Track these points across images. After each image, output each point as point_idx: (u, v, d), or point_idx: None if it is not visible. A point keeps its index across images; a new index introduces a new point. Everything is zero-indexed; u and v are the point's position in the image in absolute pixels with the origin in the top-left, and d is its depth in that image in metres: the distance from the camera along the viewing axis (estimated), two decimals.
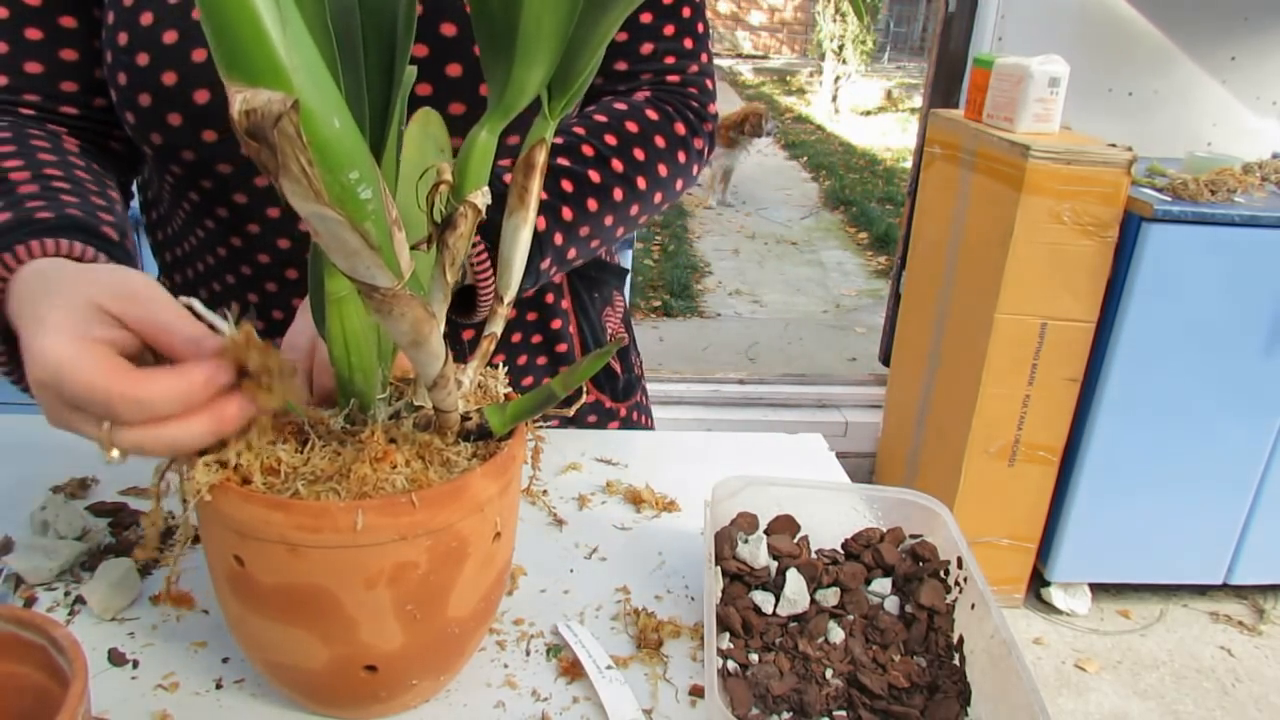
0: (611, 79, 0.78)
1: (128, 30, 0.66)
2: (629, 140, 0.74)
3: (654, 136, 0.75)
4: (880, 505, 0.67)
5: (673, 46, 0.78)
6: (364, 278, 0.37)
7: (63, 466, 0.72)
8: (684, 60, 0.79)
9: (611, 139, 0.73)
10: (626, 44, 0.77)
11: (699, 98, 0.80)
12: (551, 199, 0.69)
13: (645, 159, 0.74)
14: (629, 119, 0.75)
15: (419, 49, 0.68)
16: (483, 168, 0.46)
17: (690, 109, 0.79)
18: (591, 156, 0.72)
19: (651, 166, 0.75)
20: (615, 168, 0.72)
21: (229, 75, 0.30)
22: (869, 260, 5.40)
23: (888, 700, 0.54)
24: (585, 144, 0.72)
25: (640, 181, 0.74)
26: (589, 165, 0.71)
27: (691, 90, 0.80)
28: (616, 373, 0.93)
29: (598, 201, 0.71)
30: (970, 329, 2.06)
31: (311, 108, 0.31)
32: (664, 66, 0.78)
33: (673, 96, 0.79)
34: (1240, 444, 2.06)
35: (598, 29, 0.43)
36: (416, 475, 0.46)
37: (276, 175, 0.32)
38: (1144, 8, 2.32)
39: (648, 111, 0.76)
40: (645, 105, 0.77)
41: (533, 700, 0.54)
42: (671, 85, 0.79)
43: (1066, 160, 1.83)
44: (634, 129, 0.74)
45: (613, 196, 0.72)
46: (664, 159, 0.76)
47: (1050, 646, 2.14)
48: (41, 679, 0.41)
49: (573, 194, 0.70)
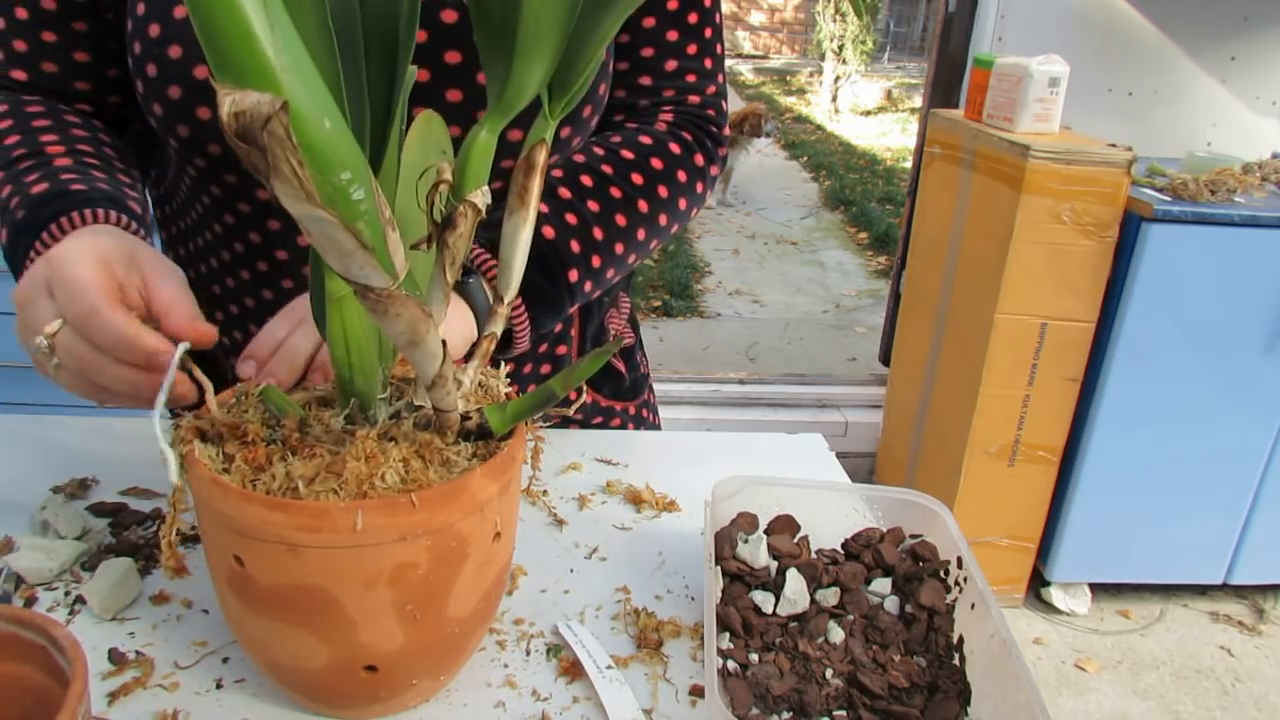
0: (635, 93, 0.80)
1: (160, 22, 0.66)
2: (653, 179, 0.77)
3: (676, 172, 0.79)
4: (880, 505, 0.67)
5: (694, 65, 0.80)
6: (358, 278, 0.37)
7: (63, 466, 0.72)
8: (703, 80, 0.81)
9: (638, 178, 0.76)
10: (652, 59, 0.79)
11: (716, 120, 0.83)
12: (581, 226, 0.73)
13: (667, 196, 0.78)
14: (654, 155, 0.78)
15: (418, 35, 0.69)
16: (482, 167, 0.46)
17: (709, 134, 0.82)
18: (620, 199, 0.75)
19: (673, 202, 0.79)
20: (640, 208, 0.76)
21: (218, 77, 0.30)
22: (869, 260, 5.40)
23: (888, 700, 0.54)
24: (613, 185, 0.75)
25: (661, 218, 0.78)
26: (616, 209, 0.75)
27: (709, 113, 0.82)
28: (620, 372, 0.93)
29: (623, 244, 0.76)
30: (970, 329, 2.06)
31: (301, 109, 0.31)
32: (686, 85, 0.80)
33: (693, 122, 0.81)
34: (1240, 444, 2.06)
35: (598, 28, 0.43)
36: (416, 475, 0.46)
37: (267, 177, 0.32)
38: (1144, 8, 2.32)
39: (671, 145, 0.79)
40: (668, 138, 0.79)
41: (533, 700, 0.54)
42: (692, 106, 0.81)
43: (1066, 160, 1.83)
44: (659, 165, 0.78)
45: (635, 236, 0.76)
46: (684, 193, 0.80)
47: (1050, 646, 2.14)
48: (42, 679, 0.41)
49: (603, 238, 0.74)
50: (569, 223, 0.73)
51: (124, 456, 0.74)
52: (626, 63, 0.79)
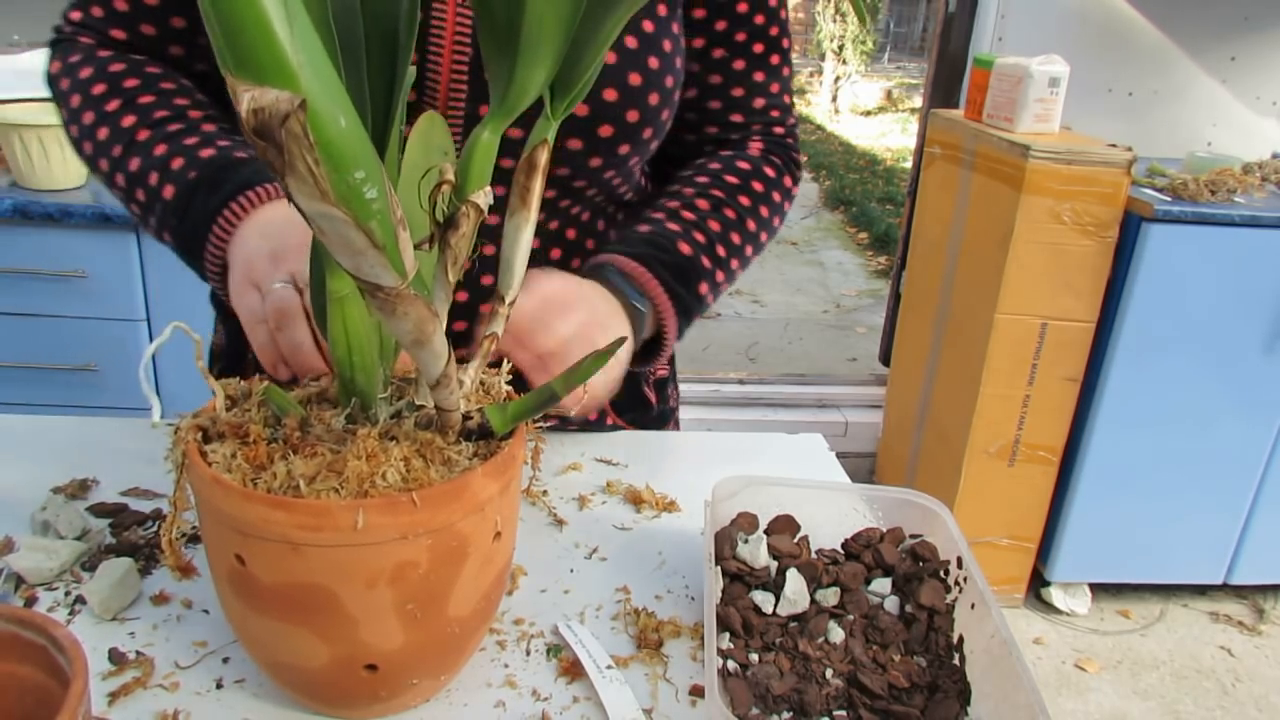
0: (727, 128, 0.86)
1: None
2: (756, 200, 0.84)
3: (773, 193, 0.86)
4: (880, 505, 0.67)
5: (777, 102, 0.87)
6: (368, 277, 0.38)
7: (63, 467, 0.72)
8: (784, 114, 0.89)
9: (745, 200, 0.83)
10: (743, 99, 0.85)
11: (795, 147, 0.91)
12: (708, 244, 0.79)
13: (767, 215, 0.86)
14: (754, 179, 0.85)
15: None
16: (485, 168, 0.46)
17: (792, 160, 0.90)
18: (734, 219, 0.82)
19: (770, 221, 0.86)
20: (749, 227, 0.83)
21: (236, 74, 0.30)
22: (869, 260, 5.40)
23: (888, 700, 0.54)
24: (727, 206, 0.82)
25: (763, 236, 0.86)
26: (732, 228, 0.82)
27: (790, 141, 0.90)
28: (650, 402, 0.93)
29: (737, 260, 0.83)
30: (970, 329, 2.06)
31: (318, 107, 0.31)
32: (771, 119, 0.88)
33: (781, 150, 0.89)
34: (1240, 444, 2.06)
35: (601, 30, 0.43)
36: (417, 474, 0.46)
37: (283, 174, 0.32)
38: (1144, 8, 2.32)
39: (766, 170, 0.86)
40: (763, 163, 0.86)
41: (533, 700, 0.54)
42: (777, 136, 0.88)
43: (1066, 160, 1.83)
44: (759, 189, 0.85)
45: (745, 253, 0.83)
46: (778, 213, 0.88)
47: (1050, 646, 2.14)
48: (42, 679, 0.41)
49: (724, 255, 0.81)
50: (699, 241, 0.79)
51: (124, 457, 0.74)
52: (719, 102, 0.85)
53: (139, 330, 1.75)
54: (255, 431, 0.47)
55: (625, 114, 0.73)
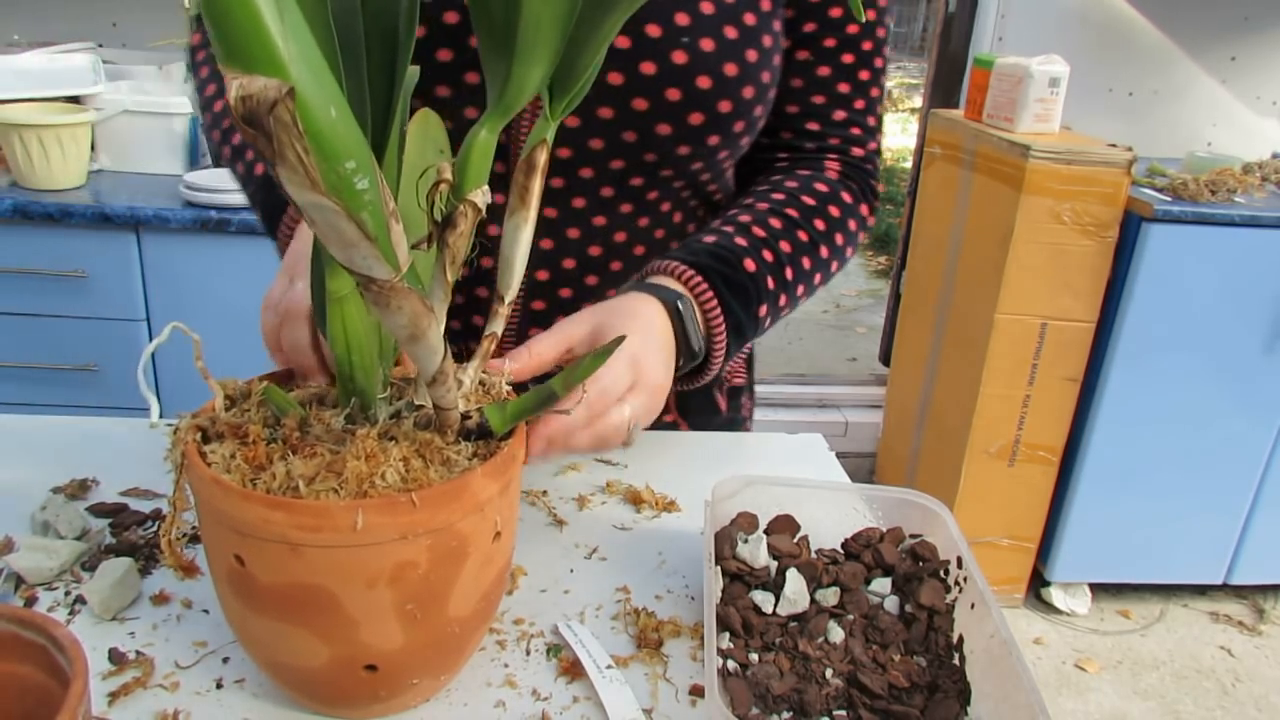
0: (802, 136, 0.83)
1: None
2: (832, 226, 0.81)
3: (848, 221, 0.83)
4: (880, 505, 0.67)
5: (860, 120, 0.84)
6: (361, 269, 0.37)
7: (63, 466, 0.72)
8: (866, 136, 0.85)
9: (820, 224, 0.80)
10: (823, 106, 0.82)
11: (875, 175, 0.87)
12: (775, 264, 0.76)
13: (841, 243, 0.82)
14: (831, 203, 0.82)
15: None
16: (483, 167, 0.46)
17: (870, 189, 0.86)
18: (806, 242, 0.79)
19: (844, 249, 0.83)
20: (821, 253, 0.80)
21: (226, 63, 0.30)
22: (869, 260, 5.40)
23: (888, 700, 0.54)
24: (800, 229, 0.79)
25: (834, 265, 0.83)
26: (803, 252, 0.78)
27: (869, 168, 0.86)
28: (719, 407, 0.91)
29: (803, 285, 0.80)
30: (970, 329, 2.06)
31: (307, 96, 0.31)
32: (851, 136, 0.84)
33: (856, 175, 0.85)
34: (1240, 444, 2.06)
35: (599, 29, 0.43)
36: (416, 474, 0.46)
37: (273, 162, 0.32)
38: (1144, 8, 2.32)
39: (843, 194, 0.83)
40: (840, 187, 0.83)
41: (533, 700, 0.54)
42: (855, 159, 0.84)
43: (1066, 160, 1.83)
44: (835, 213, 0.81)
45: (813, 280, 0.81)
46: (852, 242, 0.84)
47: (1050, 646, 2.14)
48: (42, 679, 0.41)
49: (791, 278, 0.78)
50: (766, 259, 0.75)
51: (124, 457, 0.74)
52: (797, 106, 0.82)
53: (139, 330, 1.75)
54: (255, 432, 0.47)
55: (717, 103, 0.72)
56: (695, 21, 0.71)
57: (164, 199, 1.68)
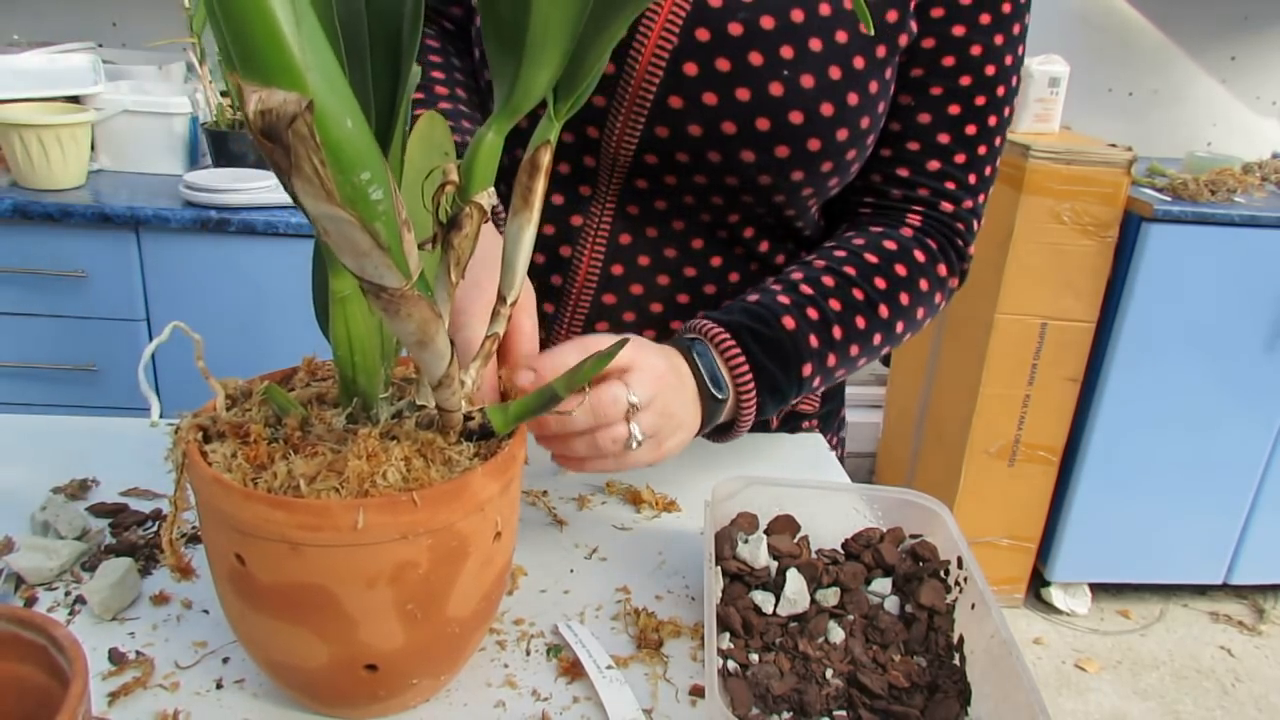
0: (890, 181, 0.79)
1: None
2: (896, 285, 0.76)
3: (919, 280, 0.78)
4: (880, 505, 0.67)
5: (957, 174, 0.79)
6: (372, 278, 0.37)
7: (63, 466, 0.72)
8: (961, 192, 0.79)
9: (881, 282, 0.76)
10: (917, 154, 0.78)
11: (965, 235, 0.81)
12: (821, 322, 0.73)
13: (908, 303, 0.77)
14: (899, 261, 0.77)
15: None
16: (489, 168, 0.46)
17: (954, 247, 0.81)
18: (861, 301, 0.75)
19: (912, 310, 0.78)
20: (881, 313, 0.76)
21: (243, 75, 0.30)
22: None
23: (888, 700, 0.54)
24: (856, 287, 0.75)
25: (899, 325, 0.78)
26: (858, 311, 0.75)
27: (959, 226, 0.80)
28: (770, 424, 0.88)
29: (859, 346, 0.75)
30: (970, 329, 2.06)
31: (325, 109, 0.31)
32: (943, 190, 0.79)
33: (941, 230, 0.80)
34: (1240, 444, 2.06)
35: (605, 32, 0.43)
36: (417, 474, 0.46)
37: (289, 175, 0.32)
38: (1144, 8, 2.32)
39: (916, 252, 0.78)
40: (914, 244, 0.78)
41: (533, 700, 0.54)
42: (943, 214, 0.80)
43: (1066, 160, 1.83)
44: (902, 272, 0.77)
45: (872, 340, 0.76)
46: (924, 303, 0.79)
47: (1050, 646, 2.14)
48: (42, 679, 0.41)
49: (841, 338, 0.74)
50: (810, 317, 0.72)
51: (124, 457, 0.74)
52: (890, 150, 0.78)
53: (139, 330, 1.75)
54: (256, 431, 0.47)
55: (807, 140, 0.71)
56: (799, 56, 0.69)
57: (164, 199, 1.68)
